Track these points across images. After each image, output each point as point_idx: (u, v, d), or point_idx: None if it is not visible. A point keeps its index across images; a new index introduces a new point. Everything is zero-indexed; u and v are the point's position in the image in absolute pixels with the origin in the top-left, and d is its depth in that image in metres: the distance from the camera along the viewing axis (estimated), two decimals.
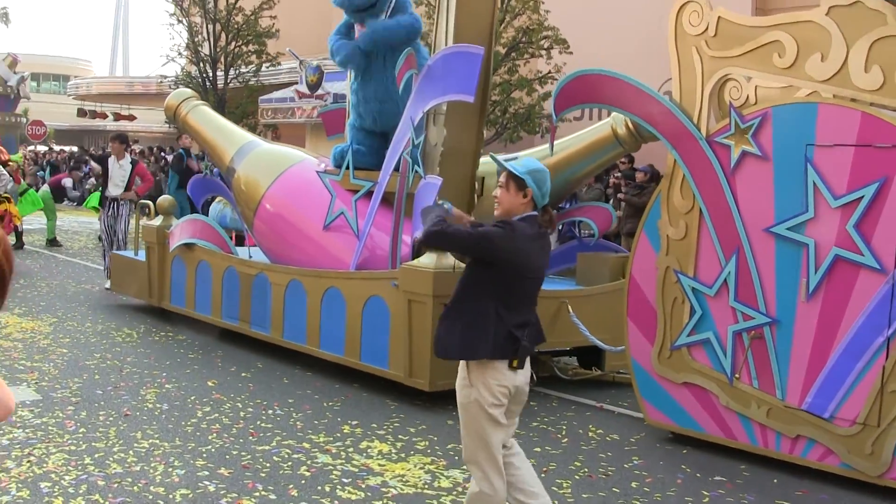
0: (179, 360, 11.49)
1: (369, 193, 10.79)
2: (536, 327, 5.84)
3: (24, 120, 30.12)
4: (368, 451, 8.15)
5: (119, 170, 16.34)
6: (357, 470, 7.61)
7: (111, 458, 7.62)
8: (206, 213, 15.43)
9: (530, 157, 5.88)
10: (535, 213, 5.73)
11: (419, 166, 9.92)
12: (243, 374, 10.84)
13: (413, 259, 9.81)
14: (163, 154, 37.68)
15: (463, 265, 7.65)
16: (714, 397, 8.51)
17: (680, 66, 8.69)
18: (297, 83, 34.59)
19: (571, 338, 10.41)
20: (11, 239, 18.66)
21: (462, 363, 5.79)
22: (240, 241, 13.94)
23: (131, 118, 47.88)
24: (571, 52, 25.81)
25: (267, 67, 36.42)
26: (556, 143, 12.03)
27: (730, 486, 7.71)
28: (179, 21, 36.95)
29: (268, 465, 7.64)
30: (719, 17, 8.43)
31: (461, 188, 10.27)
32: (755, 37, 8.17)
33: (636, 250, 9.04)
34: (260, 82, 36.71)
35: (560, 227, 12.86)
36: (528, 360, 5.75)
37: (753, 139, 8.12)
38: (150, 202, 15.58)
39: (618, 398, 10.45)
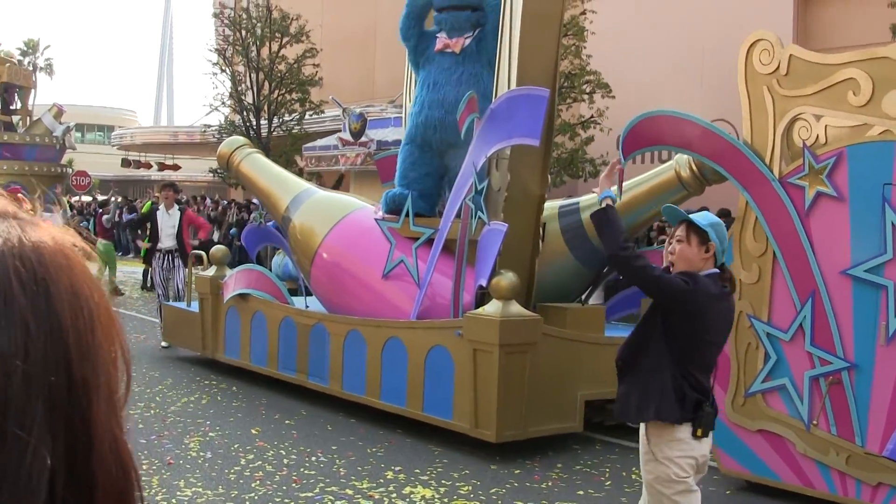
0: (223, 408, 11.45)
1: (430, 241, 10.57)
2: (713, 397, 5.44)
3: (69, 170, 30.13)
4: (412, 496, 8.08)
5: (169, 219, 16.15)
6: None
7: None
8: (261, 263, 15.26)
9: (707, 213, 5.50)
10: (717, 270, 5.35)
11: (483, 212, 9.68)
12: (287, 422, 10.77)
13: (476, 307, 9.60)
14: (207, 202, 37.67)
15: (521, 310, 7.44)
16: (790, 445, 8.26)
17: (751, 105, 8.50)
18: (340, 130, 34.44)
19: None
20: None
21: (642, 432, 5.48)
22: (294, 292, 13.69)
23: (175, 168, 47.98)
24: (614, 97, 25.66)
25: (310, 115, 36.30)
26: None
27: None
28: (223, 70, 36.89)
29: None
30: (791, 55, 8.25)
31: (525, 234, 10.07)
32: (828, 74, 7.98)
33: None
34: (303, 130, 36.63)
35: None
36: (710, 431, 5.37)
37: (828, 180, 7.91)
38: (203, 252, 15.43)
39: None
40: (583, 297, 12.27)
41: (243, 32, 36.11)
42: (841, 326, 7.85)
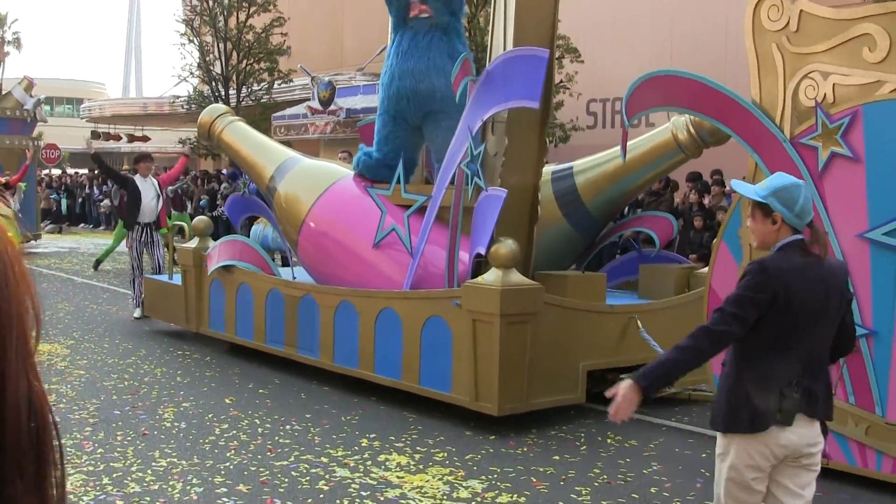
0: (197, 378, 11.22)
1: (421, 209, 10.04)
2: (820, 376, 4.81)
3: (39, 144, 29.42)
4: (387, 463, 7.98)
5: (149, 191, 15.45)
6: (375, 483, 7.47)
7: (129, 478, 7.47)
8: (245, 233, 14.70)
9: (779, 173, 4.90)
10: (798, 237, 4.77)
11: (480, 178, 9.15)
12: (261, 391, 10.57)
13: (473, 277, 9.11)
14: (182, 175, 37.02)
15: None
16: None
17: (759, 63, 8.02)
18: (309, 99, 34.04)
19: (640, 354, 9.68)
20: None
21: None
22: (282, 263, 13.15)
23: (145, 139, 47.22)
24: (583, 61, 25.22)
25: (279, 85, 35.80)
26: (610, 150, 11.48)
27: None
28: (190, 41, 36.33)
29: (286, 480, 7.49)
30: (801, 11, 7.77)
31: (523, 200, 9.51)
32: (842, 30, 7.53)
33: (715, 261, 8.35)
34: (272, 100, 36.15)
35: (618, 239, 12.12)
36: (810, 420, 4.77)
37: (843, 140, 7.46)
38: (184, 224, 14.86)
39: (690, 416, 9.81)
40: (578, 263, 11.85)
41: (211, 2, 35.54)
42: (858, 292, 7.39)
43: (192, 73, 37.12)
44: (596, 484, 7.57)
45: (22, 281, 1.14)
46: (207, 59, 36.05)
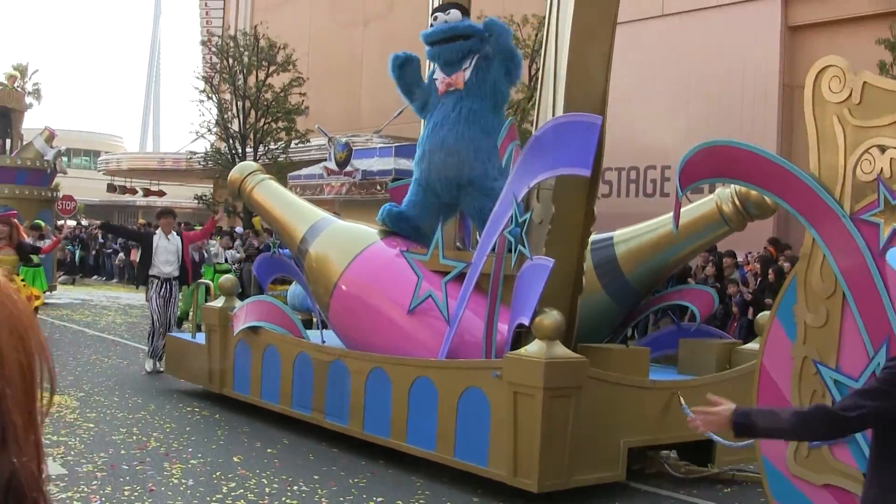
0: (206, 435, 11.00)
1: (459, 276, 9.65)
2: None
3: (58, 195, 29.17)
4: None
5: (169, 245, 15.13)
6: None
7: None
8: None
9: None
10: None
11: (525, 246, 8.75)
12: (269, 450, 10.35)
13: (511, 348, 8.72)
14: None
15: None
16: (860, 500, 7.37)
17: (818, 136, 7.64)
18: (325, 160, 33.85)
19: (681, 432, 9.25)
20: None
21: None
22: (308, 325, 12.71)
23: (161, 194, 47.12)
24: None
25: (296, 144, 35.67)
26: (652, 221, 11.12)
27: None
28: (209, 97, 36.31)
29: None
30: (865, 83, 7.40)
31: (568, 270, 9.08)
32: None
33: (767, 338, 7.92)
34: (289, 159, 35.95)
35: (657, 312, 11.72)
36: None
37: None
38: (209, 282, 14.48)
39: (736, 498, 9.30)
40: (615, 335, 11.47)
41: (230, 60, 35.58)
42: None
43: (209, 130, 37.06)
44: None
45: (24, 337, 1.16)
46: (225, 116, 35.98)
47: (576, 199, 9.17)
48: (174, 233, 15.46)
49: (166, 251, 15.06)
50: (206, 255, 20.60)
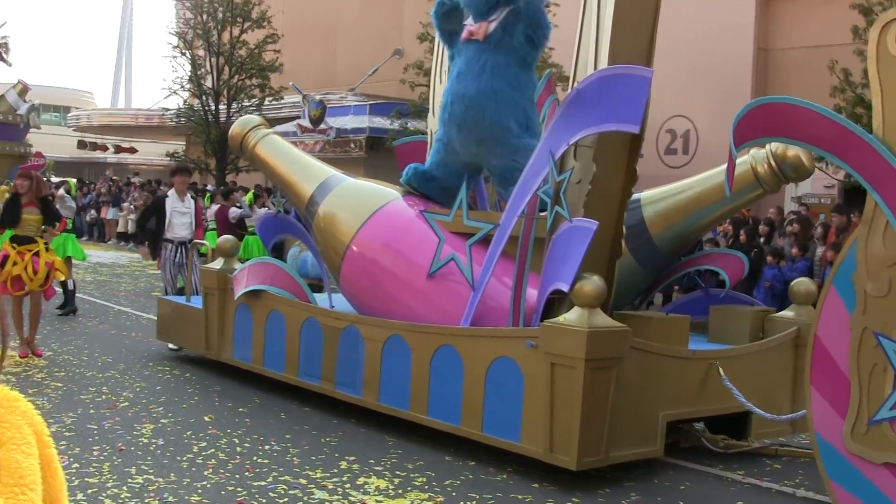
0: (176, 395, 10.77)
1: (485, 238, 8.99)
2: None
3: (31, 150, 28.17)
4: (366, 486, 7.71)
5: (182, 206, 14.17)
6: None
7: (104, 494, 7.20)
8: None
9: None
10: None
11: (563, 207, 8.07)
12: (240, 410, 10.15)
13: (544, 315, 8.10)
14: (161, 188, 35.97)
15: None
16: None
17: (883, 95, 7.02)
18: (299, 117, 33.30)
19: (720, 404, 8.71)
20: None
21: None
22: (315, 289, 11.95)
23: (132, 151, 46.27)
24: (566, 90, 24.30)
25: (270, 101, 34.97)
26: (682, 182, 10.52)
27: None
28: (182, 53, 35.57)
29: (264, 500, 7.25)
30: None
31: (606, 233, 8.29)
32: None
33: (823, 308, 7.32)
34: (263, 116, 35.09)
35: (684, 276, 11.11)
36: None
37: None
38: (206, 242, 13.71)
39: (783, 475, 8.72)
40: (641, 300, 10.90)
41: (204, 16, 34.70)
42: None
43: (182, 87, 36.33)
44: None
45: None
46: (199, 72, 35.27)
47: (618, 157, 8.42)
48: (189, 194, 14.53)
49: (180, 213, 14.09)
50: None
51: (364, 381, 9.63)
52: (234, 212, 20.45)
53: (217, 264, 11.85)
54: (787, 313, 9.76)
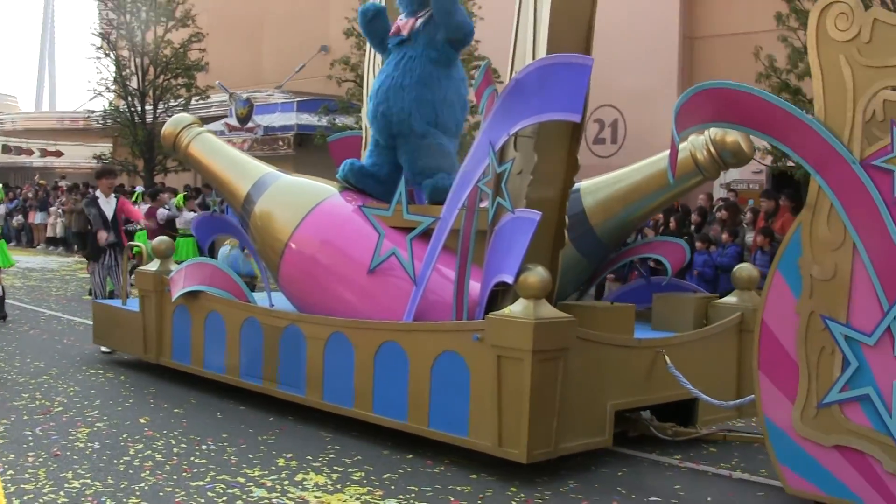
0: (111, 398, 10.68)
1: (425, 233, 8.89)
2: None
3: None
4: (304, 483, 7.75)
5: (109, 209, 13.97)
6: (293, 503, 7.27)
7: (41, 500, 7.11)
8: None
9: None
10: None
11: (505, 199, 7.96)
12: (176, 411, 10.15)
13: (488, 308, 8.02)
14: (90, 191, 35.46)
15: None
16: (875, 463, 6.86)
17: (823, 78, 7.03)
18: (227, 116, 32.91)
19: (667, 391, 8.67)
20: None
21: None
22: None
23: (58, 154, 45.51)
24: (502, 82, 24.16)
25: (196, 101, 34.40)
26: (621, 171, 10.47)
27: None
28: (106, 54, 34.87)
29: (202, 501, 7.24)
30: (875, 20, 6.80)
31: (549, 223, 8.22)
32: None
33: (769, 293, 7.32)
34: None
35: (624, 266, 11.06)
36: None
37: None
38: (142, 244, 13.46)
39: (720, 459, 8.80)
40: (582, 291, 10.84)
41: (128, 16, 34.07)
42: None
43: (107, 88, 35.66)
44: (513, 502, 7.35)
45: None
46: (124, 73, 34.61)
47: (559, 146, 8.35)
48: (112, 196, 14.27)
49: (110, 216, 13.89)
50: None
51: (307, 380, 9.52)
52: (161, 213, 20.19)
53: (153, 266, 11.64)
54: (731, 299, 9.75)
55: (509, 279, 7.72)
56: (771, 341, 7.33)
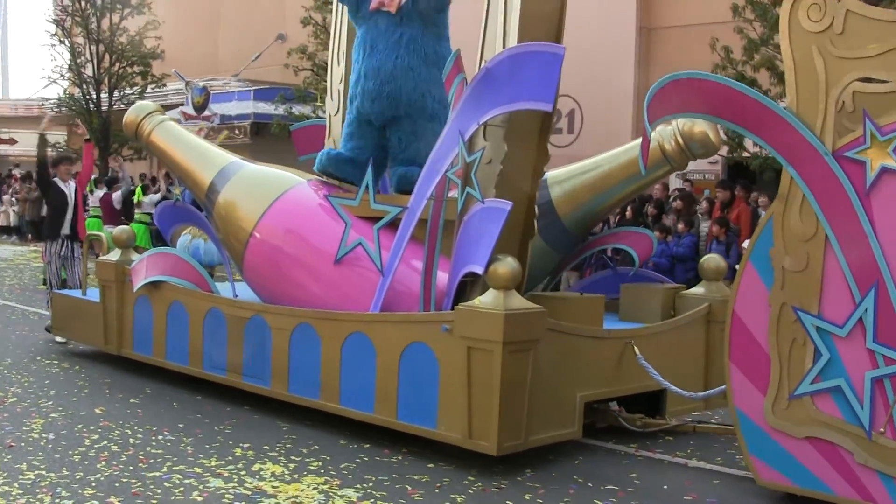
0: (66, 388, 10.53)
1: (392, 222, 8.76)
2: None
3: None
4: (261, 473, 7.68)
5: (70, 197, 13.59)
6: (250, 493, 7.19)
7: None
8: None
9: None
10: None
11: (475, 188, 7.85)
12: (132, 400, 10.01)
13: (456, 299, 7.93)
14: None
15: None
16: (846, 454, 6.86)
17: (796, 69, 7.00)
18: (183, 105, 32.58)
19: (637, 383, 8.61)
20: None
21: None
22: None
23: (12, 142, 44.90)
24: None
25: (152, 89, 34.16)
26: (588, 161, 10.41)
27: None
28: (61, 41, 34.49)
29: (159, 491, 7.14)
30: (848, 11, 6.77)
31: (518, 213, 8.12)
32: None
33: (740, 285, 7.28)
34: None
35: (590, 256, 11.00)
36: None
37: None
38: (101, 234, 13.24)
39: (676, 447, 8.81)
40: (549, 282, 10.76)
41: (83, 3, 33.70)
42: None
43: (62, 76, 35.32)
44: (471, 491, 7.32)
45: None
46: (79, 61, 34.25)
47: (529, 136, 8.24)
48: (71, 182, 13.93)
49: (70, 203, 13.52)
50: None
51: (272, 372, 9.36)
52: (116, 195, 20.06)
53: (114, 256, 11.44)
54: (698, 290, 9.71)
55: (479, 269, 7.61)
56: (742, 333, 7.29)
